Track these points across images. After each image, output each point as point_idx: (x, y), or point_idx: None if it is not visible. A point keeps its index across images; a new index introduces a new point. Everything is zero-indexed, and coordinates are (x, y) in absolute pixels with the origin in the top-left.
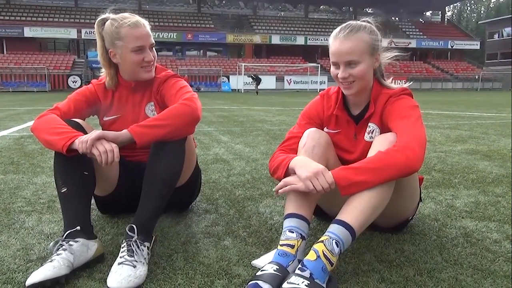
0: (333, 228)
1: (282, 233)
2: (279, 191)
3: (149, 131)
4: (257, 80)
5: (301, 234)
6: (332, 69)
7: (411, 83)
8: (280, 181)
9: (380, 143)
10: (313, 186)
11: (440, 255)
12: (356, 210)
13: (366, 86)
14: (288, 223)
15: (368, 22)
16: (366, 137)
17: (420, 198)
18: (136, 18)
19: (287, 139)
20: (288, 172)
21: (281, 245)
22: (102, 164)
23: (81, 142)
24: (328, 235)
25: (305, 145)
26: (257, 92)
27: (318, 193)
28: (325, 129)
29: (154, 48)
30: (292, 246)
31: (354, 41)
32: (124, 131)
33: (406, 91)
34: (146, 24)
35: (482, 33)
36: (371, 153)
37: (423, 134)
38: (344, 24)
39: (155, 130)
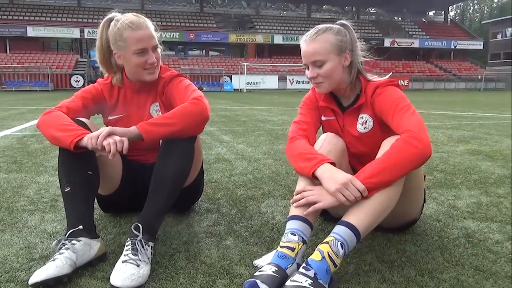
0: (339, 229)
1: (284, 234)
2: (294, 204)
3: (157, 129)
4: None
5: (302, 238)
6: (306, 71)
7: (390, 74)
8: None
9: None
10: (345, 197)
11: (441, 255)
12: (362, 213)
13: (338, 83)
14: (291, 224)
15: (342, 24)
16: (360, 128)
17: (424, 199)
18: (140, 19)
19: (293, 124)
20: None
21: (282, 247)
22: (109, 155)
23: (90, 138)
24: (333, 236)
25: (321, 149)
26: None
27: (351, 203)
28: (322, 117)
29: (158, 49)
30: (292, 249)
31: (318, 42)
32: (133, 127)
33: (393, 82)
34: (149, 25)
35: (485, 33)
36: (379, 154)
37: (422, 120)
38: (313, 28)
39: (163, 128)
